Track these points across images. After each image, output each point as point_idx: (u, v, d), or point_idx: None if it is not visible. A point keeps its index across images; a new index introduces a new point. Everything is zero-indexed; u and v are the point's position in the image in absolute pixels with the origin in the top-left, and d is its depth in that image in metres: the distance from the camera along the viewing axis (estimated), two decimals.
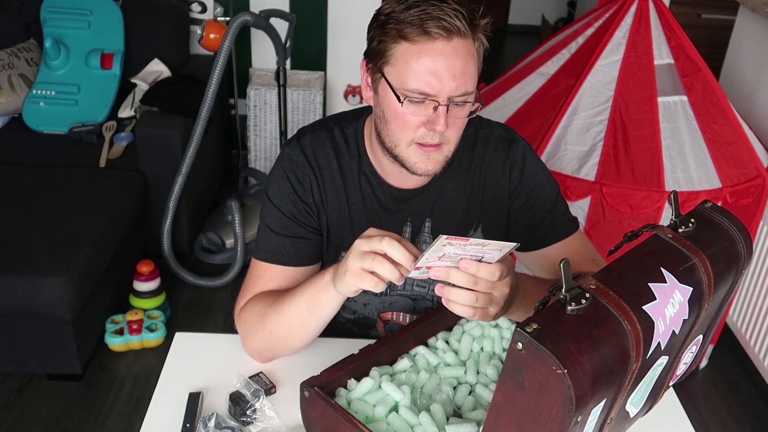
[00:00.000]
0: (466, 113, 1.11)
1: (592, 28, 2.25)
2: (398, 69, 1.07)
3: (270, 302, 1.17)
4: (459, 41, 1.05)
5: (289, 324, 1.14)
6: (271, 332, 1.16)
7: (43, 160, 2.69)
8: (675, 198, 0.91)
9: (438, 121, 1.07)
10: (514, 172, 1.25)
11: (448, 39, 1.04)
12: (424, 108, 1.08)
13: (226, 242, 2.98)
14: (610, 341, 0.73)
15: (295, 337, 1.16)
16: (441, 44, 1.04)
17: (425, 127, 1.09)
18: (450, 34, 1.04)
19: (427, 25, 1.03)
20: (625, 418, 0.86)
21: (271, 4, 3.01)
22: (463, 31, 1.05)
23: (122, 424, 2.16)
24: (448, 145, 1.13)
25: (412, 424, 1.00)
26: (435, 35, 1.04)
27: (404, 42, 1.06)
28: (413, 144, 1.11)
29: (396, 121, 1.10)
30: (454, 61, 1.05)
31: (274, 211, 1.23)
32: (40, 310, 2.07)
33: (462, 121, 1.12)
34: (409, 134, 1.10)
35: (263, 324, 1.16)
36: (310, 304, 1.11)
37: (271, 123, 3.30)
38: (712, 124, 2.14)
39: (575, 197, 2.03)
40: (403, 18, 1.05)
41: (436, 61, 1.04)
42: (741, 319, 2.47)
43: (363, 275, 0.98)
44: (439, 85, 1.05)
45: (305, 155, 1.23)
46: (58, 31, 2.94)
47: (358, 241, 0.99)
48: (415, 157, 1.12)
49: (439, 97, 1.06)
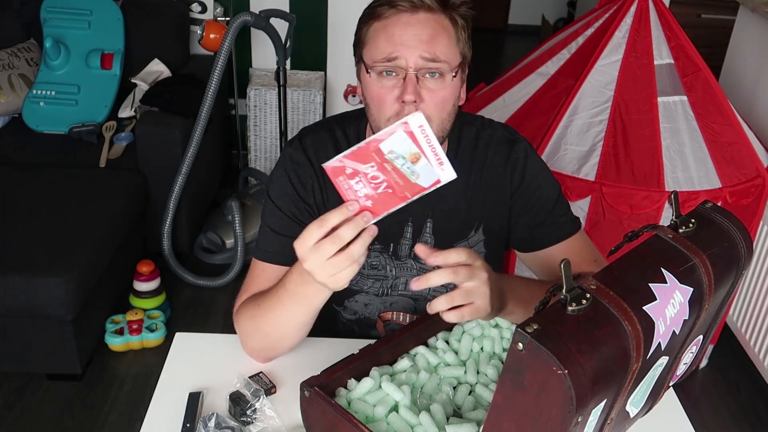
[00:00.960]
0: (443, 87, 1.09)
1: (592, 28, 2.25)
2: (370, 47, 1.11)
3: (258, 305, 1.14)
4: (427, 15, 1.08)
5: (285, 326, 1.13)
6: (267, 335, 1.15)
7: (43, 160, 2.69)
8: (675, 198, 0.91)
9: (407, 89, 1.07)
10: (516, 172, 1.25)
11: (413, 11, 1.08)
12: (393, 79, 1.09)
13: (226, 242, 2.98)
14: (610, 341, 0.73)
15: (293, 336, 1.16)
16: (407, 16, 1.08)
17: (398, 102, 1.08)
18: (415, 7, 1.08)
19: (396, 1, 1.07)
20: (626, 419, 0.87)
21: (271, 4, 3.01)
22: (429, 5, 1.08)
23: (122, 424, 2.16)
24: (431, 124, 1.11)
25: (412, 424, 1.00)
26: (401, 8, 1.07)
27: (375, 21, 1.10)
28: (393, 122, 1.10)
29: (373, 101, 1.12)
30: (420, 29, 1.07)
31: (275, 211, 1.23)
32: (40, 310, 2.07)
33: (440, 97, 1.09)
34: (386, 111, 1.10)
35: (256, 324, 1.15)
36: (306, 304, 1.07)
37: (271, 123, 3.30)
38: (712, 124, 2.14)
39: (575, 197, 2.03)
40: (377, 3, 1.10)
41: (402, 30, 1.08)
42: (741, 319, 2.47)
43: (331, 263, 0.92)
44: (406, 50, 1.07)
45: (307, 155, 1.23)
46: (58, 31, 2.94)
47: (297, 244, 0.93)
48: None
49: (408, 62, 1.07)
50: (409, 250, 1.28)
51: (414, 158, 0.88)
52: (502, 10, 6.57)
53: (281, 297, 1.09)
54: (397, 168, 0.89)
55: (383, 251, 1.28)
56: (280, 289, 1.09)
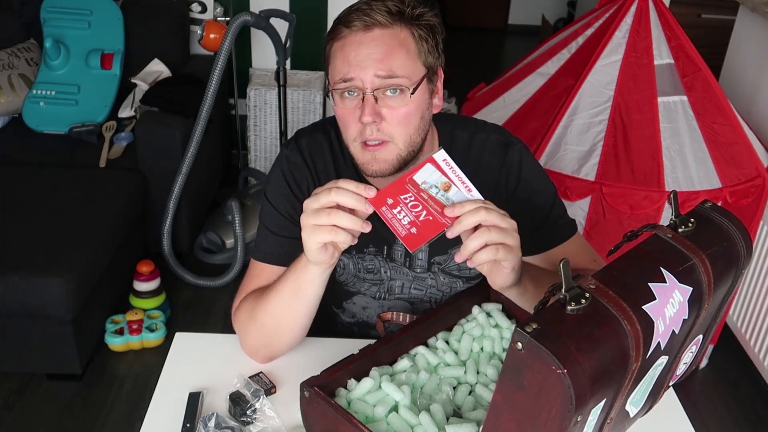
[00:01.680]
0: (405, 103, 1.08)
1: (592, 28, 2.25)
2: (330, 68, 1.11)
3: (259, 296, 1.18)
4: (381, 31, 1.07)
5: (277, 312, 1.14)
6: (263, 325, 1.16)
7: (43, 160, 2.69)
8: (675, 198, 0.91)
9: (364, 110, 1.07)
10: (511, 176, 1.24)
11: (366, 30, 1.07)
12: (353, 101, 1.09)
13: (226, 242, 2.98)
14: (609, 341, 0.73)
15: (286, 326, 1.16)
16: (360, 35, 1.07)
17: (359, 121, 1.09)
18: (368, 26, 1.07)
19: (350, 19, 1.07)
20: (625, 418, 0.87)
21: (271, 4, 3.01)
22: (383, 22, 1.07)
23: (122, 424, 2.16)
24: (394, 142, 1.10)
25: (412, 424, 1.00)
26: (354, 28, 1.07)
27: (334, 41, 1.10)
28: (359, 144, 1.11)
29: (340, 121, 1.13)
30: (374, 48, 1.07)
31: (272, 212, 1.23)
32: (40, 310, 2.07)
33: (402, 113, 1.09)
34: (351, 132, 1.11)
35: (254, 318, 1.16)
36: (294, 287, 1.11)
37: (271, 123, 3.30)
38: (712, 124, 2.14)
39: (575, 197, 2.03)
40: (338, 21, 1.10)
41: (356, 50, 1.07)
42: (741, 319, 2.47)
43: (318, 229, 0.97)
44: (360, 71, 1.06)
45: (303, 157, 1.23)
46: (58, 31, 2.94)
47: (307, 201, 0.99)
48: (363, 157, 1.12)
49: (363, 82, 1.07)
50: (404, 253, 1.27)
51: (445, 187, 0.97)
52: (502, 10, 6.57)
53: (277, 283, 1.13)
54: (432, 196, 0.96)
55: (377, 254, 1.28)
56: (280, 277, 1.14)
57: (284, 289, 1.12)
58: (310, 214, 0.98)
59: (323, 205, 0.97)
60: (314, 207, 0.97)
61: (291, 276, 1.11)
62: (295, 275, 1.10)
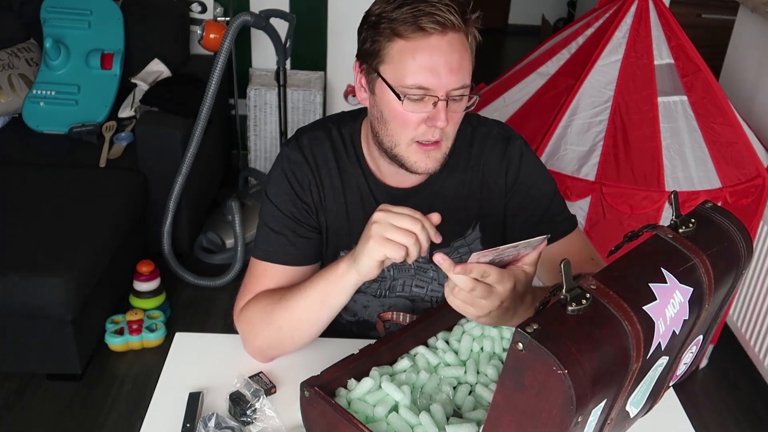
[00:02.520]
0: (463, 107, 1.11)
1: (592, 28, 2.25)
2: (395, 67, 1.07)
3: (277, 299, 1.17)
4: (453, 35, 1.06)
5: (299, 317, 1.14)
6: (279, 328, 1.15)
7: (43, 160, 2.69)
8: (675, 198, 0.91)
9: (439, 117, 1.07)
10: (511, 170, 1.25)
11: (443, 33, 1.05)
12: (423, 105, 1.08)
13: (226, 242, 2.98)
14: (610, 341, 0.73)
15: (305, 331, 1.16)
16: (436, 39, 1.05)
17: (425, 124, 1.09)
18: (444, 28, 1.05)
19: (421, 21, 1.04)
20: (626, 419, 0.86)
21: (271, 4, 3.01)
22: (456, 24, 1.05)
23: (122, 424, 2.16)
24: (447, 141, 1.13)
25: (412, 424, 1.00)
26: (430, 30, 1.04)
27: (399, 40, 1.06)
28: (413, 143, 1.11)
29: (395, 120, 1.11)
30: (450, 55, 1.05)
31: (273, 210, 1.23)
32: (40, 310, 2.07)
33: (460, 116, 1.12)
34: (409, 133, 1.11)
35: (270, 320, 1.16)
36: (324, 294, 1.11)
37: (271, 123, 3.30)
38: (712, 124, 2.14)
39: (575, 197, 2.03)
40: (396, 16, 1.05)
41: (433, 57, 1.05)
42: (741, 319, 2.47)
43: (388, 243, 0.99)
44: (438, 80, 1.05)
45: (304, 155, 1.23)
46: (58, 31, 2.94)
47: (384, 215, 0.99)
48: (415, 156, 1.13)
49: (438, 92, 1.06)
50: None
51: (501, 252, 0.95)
52: (502, 10, 6.58)
53: (304, 288, 1.13)
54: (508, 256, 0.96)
55: None
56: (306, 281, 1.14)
57: (313, 294, 1.12)
58: (387, 227, 0.99)
59: (402, 227, 0.98)
60: (394, 223, 0.98)
61: (321, 282, 1.11)
62: (326, 282, 1.10)
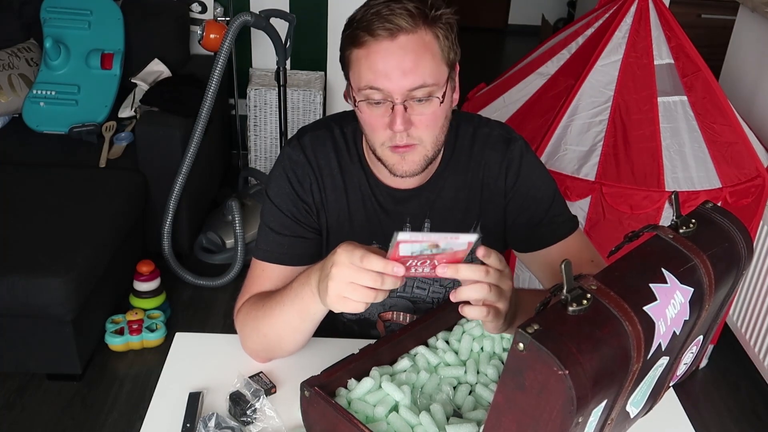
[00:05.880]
0: (433, 108, 1.08)
1: (592, 28, 2.25)
2: (354, 74, 1.09)
3: (260, 305, 1.15)
4: (405, 38, 1.04)
5: (281, 329, 1.13)
6: (265, 335, 1.15)
7: (43, 160, 2.69)
8: (676, 198, 0.91)
9: (395, 121, 1.06)
10: (511, 171, 1.25)
11: (392, 38, 1.04)
12: (382, 109, 1.08)
13: (226, 242, 2.98)
14: (611, 342, 0.73)
15: (289, 341, 1.15)
16: (386, 44, 1.05)
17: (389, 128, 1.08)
18: (392, 33, 1.04)
19: (373, 26, 1.04)
20: (626, 419, 0.86)
21: (271, 4, 3.01)
22: (407, 27, 1.04)
23: (122, 424, 2.16)
24: (423, 144, 1.11)
25: (412, 424, 1.00)
26: (378, 35, 1.04)
27: (355, 48, 1.07)
28: (386, 147, 1.11)
29: (365, 125, 1.12)
30: (401, 57, 1.04)
31: (274, 210, 1.23)
32: (40, 310, 2.07)
33: (431, 118, 1.09)
34: (379, 137, 1.11)
35: (256, 326, 1.16)
36: (301, 311, 1.08)
37: (271, 123, 3.30)
38: (712, 124, 2.14)
39: (575, 197, 2.03)
40: (357, 24, 1.07)
41: (383, 60, 1.05)
42: (741, 319, 2.47)
43: (347, 301, 0.95)
44: (390, 83, 1.05)
45: (305, 155, 1.23)
46: (58, 31, 2.94)
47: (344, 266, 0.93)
48: (392, 159, 1.13)
49: (393, 95, 1.06)
50: None
51: (432, 246, 0.89)
52: (502, 10, 6.57)
53: (282, 297, 1.11)
54: (431, 255, 0.90)
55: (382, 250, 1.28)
56: (284, 289, 1.11)
57: (290, 311, 1.09)
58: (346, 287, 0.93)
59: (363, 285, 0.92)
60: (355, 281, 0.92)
61: (296, 300, 1.07)
62: (301, 302, 1.06)
